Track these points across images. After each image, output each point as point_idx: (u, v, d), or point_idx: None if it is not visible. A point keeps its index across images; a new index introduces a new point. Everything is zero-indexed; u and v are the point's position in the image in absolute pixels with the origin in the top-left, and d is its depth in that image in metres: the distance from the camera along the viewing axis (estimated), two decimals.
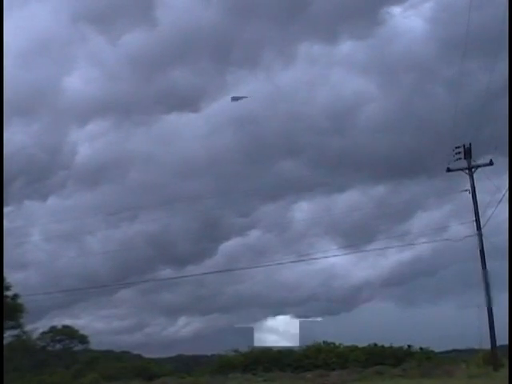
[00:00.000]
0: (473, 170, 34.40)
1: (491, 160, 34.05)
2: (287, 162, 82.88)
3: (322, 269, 70.55)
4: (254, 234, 77.53)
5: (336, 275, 76.21)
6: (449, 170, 35.00)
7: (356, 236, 68.53)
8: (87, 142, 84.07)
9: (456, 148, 34.61)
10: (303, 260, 51.10)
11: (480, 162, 34.60)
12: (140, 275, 73.26)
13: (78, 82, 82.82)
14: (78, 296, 51.82)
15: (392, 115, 78.75)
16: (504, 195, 29.27)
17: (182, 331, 75.36)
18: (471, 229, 34.44)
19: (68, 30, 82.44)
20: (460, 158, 34.88)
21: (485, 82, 32.99)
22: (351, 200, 73.84)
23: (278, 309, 76.12)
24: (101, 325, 68.19)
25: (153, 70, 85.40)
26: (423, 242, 44.84)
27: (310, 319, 74.86)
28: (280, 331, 63.50)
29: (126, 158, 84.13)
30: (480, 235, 33.66)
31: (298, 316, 76.60)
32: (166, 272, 69.35)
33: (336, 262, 75.30)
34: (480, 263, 33.61)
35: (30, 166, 72.64)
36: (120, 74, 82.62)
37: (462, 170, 34.68)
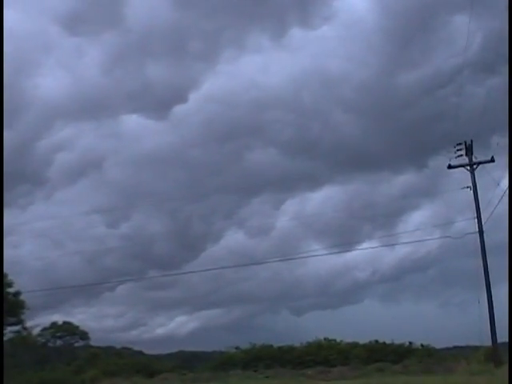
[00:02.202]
0: (474, 166, 34.23)
1: (492, 157, 33.91)
2: (263, 153, 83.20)
3: (314, 267, 70.80)
4: (238, 235, 77.47)
5: (329, 273, 76.54)
6: (450, 166, 34.80)
7: (350, 233, 68.61)
8: (59, 146, 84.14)
9: (458, 145, 34.47)
10: (299, 258, 51.46)
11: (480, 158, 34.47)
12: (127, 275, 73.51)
13: (46, 84, 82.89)
14: (71, 294, 51.70)
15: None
16: (504, 193, 29.24)
17: (181, 328, 75.70)
18: (469, 225, 34.48)
19: (33, 33, 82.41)
20: (461, 155, 34.72)
21: None
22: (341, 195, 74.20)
23: (273, 305, 76.84)
24: (97, 323, 68.27)
25: (120, 70, 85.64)
26: (424, 240, 44.77)
27: (306, 315, 76.19)
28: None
29: (101, 159, 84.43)
30: (481, 232, 33.57)
31: (293, 311, 77.92)
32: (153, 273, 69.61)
33: (328, 261, 75.78)
34: (476, 259, 33.61)
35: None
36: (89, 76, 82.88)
37: (463, 166, 34.48)
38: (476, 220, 33.87)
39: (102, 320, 71.05)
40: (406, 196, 69.38)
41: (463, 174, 34.82)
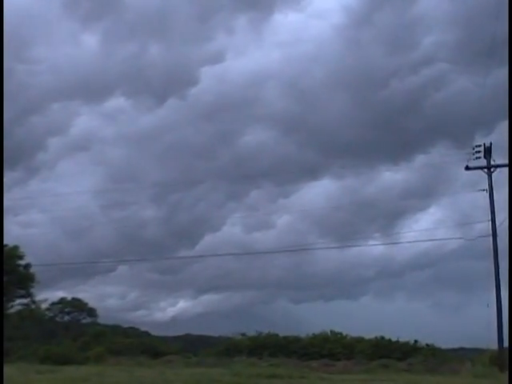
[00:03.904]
0: (492, 169, 34.07)
1: None
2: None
3: (317, 260, 70.88)
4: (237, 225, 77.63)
5: (331, 267, 76.72)
6: (467, 168, 34.68)
7: (353, 229, 68.36)
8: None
9: (476, 146, 34.34)
10: (306, 249, 51.76)
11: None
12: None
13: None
14: (73, 273, 51.93)
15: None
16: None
17: (187, 311, 76.19)
18: (481, 227, 34.46)
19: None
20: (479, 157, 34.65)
21: None
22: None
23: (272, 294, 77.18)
24: (101, 302, 68.62)
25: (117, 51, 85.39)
26: (434, 239, 45.06)
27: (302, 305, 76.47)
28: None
29: (97, 142, 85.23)
30: (495, 235, 33.43)
31: (292, 302, 78.23)
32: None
33: (331, 256, 75.69)
34: (487, 262, 33.57)
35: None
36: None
37: (481, 168, 34.34)
38: (490, 222, 33.82)
39: (105, 299, 71.63)
40: (407, 195, 68.96)
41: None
